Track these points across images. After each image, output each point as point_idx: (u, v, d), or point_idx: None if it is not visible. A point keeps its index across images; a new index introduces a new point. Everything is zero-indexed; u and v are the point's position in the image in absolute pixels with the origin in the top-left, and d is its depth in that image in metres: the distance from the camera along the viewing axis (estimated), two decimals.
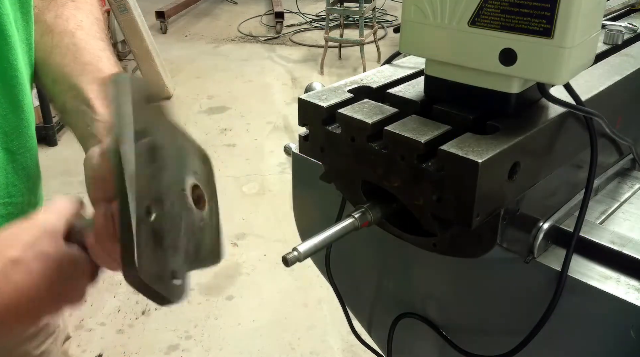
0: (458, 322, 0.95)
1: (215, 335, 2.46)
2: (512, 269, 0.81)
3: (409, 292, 1.01)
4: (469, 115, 0.72)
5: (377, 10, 5.60)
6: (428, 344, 1.00)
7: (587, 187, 0.78)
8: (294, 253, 0.65)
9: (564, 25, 0.63)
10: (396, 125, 0.71)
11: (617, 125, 0.87)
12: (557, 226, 0.81)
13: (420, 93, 0.79)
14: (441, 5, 0.69)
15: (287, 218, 1.17)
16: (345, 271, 1.09)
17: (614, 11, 1.15)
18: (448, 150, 0.64)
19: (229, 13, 7.11)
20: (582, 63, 0.70)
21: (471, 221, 0.65)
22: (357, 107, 0.75)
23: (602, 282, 0.75)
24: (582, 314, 0.77)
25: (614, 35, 0.98)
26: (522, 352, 0.80)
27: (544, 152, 0.74)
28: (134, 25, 4.32)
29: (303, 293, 2.67)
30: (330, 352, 2.37)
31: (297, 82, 5.04)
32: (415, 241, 0.79)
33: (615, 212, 0.90)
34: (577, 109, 0.74)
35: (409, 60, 0.95)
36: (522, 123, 0.71)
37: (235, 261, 2.88)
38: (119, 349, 2.39)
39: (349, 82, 0.84)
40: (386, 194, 0.74)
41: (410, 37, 0.74)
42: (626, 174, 1.00)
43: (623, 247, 0.78)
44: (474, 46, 0.69)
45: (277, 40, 6.17)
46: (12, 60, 0.72)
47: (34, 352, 0.97)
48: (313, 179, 0.87)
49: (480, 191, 0.63)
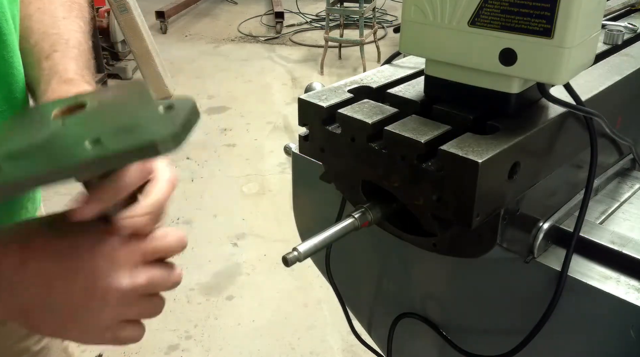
0: (458, 322, 0.95)
1: (215, 335, 2.46)
2: (512, 269, 0.81)
3: (409, 292, 1.01)
4: (469, 115, 0.72)
5: (377, 10, 5.60)
6: (428, 344, 1.00)
7: (587, 187, 0.78)
8: (294, 253, 0.65)
9: (564, 25, 0.63)
10: (396, 125, 0.71)
11: (617, 125, 0.87)
12: (557, 226, 0.81)
13: (420, 93, 0.79)
14: (441, 5, 0.69)
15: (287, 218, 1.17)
16: (345, 271, 1.09)
17: (614, 11, 1.15)
18: (448, 150, 0.64)
19: (229, 13, 7.11)
20: (582, 63, 0.70)
21: (471, 221, 0.65)
22: (357, 107, 0.75)
23: (602, 282, 0.75)
24: (582, 314, 0.77)
25: (614, 35, 0.98)
26: (522, 352, 0.80)
27: (544, 152, 0.74)
28: (134, 25, 4.31)
29: (303, 293, 2.67)
30: (330, 352, 2.37)
31: (297, 82, 5.04)
32: (415, 241, 0.79)
33: (615, 212, 0.90)
34: (577, 109, 0.74)
35: (409, 60, 0.95)
36: (522, 123, 0.71)
37: (235, 261, 2.88)
38: (119, 349, 2.39)
39: (349, 82, 0.84)
40: (386, 194, 0.74)
41: (410, 37, 0.74)
42: (626, 174, 1.00)
43: (623, 247, 0.78)
44: (474, 46, 0.69)
45: (277, 40, 6.17)
46: (8, 58, 0.72)
47: (34, 347, 0.96)
48: (313, 179, 0.87)
49: (480, 191, 0.63)
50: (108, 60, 4.88)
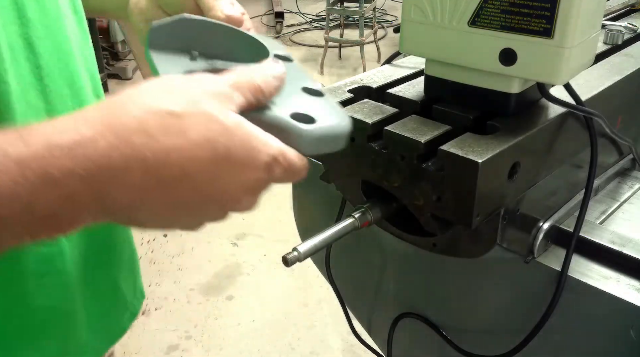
0: (458, 322, 0.95)
1: (215, 335, 2.46)
2: (512, 269, 0.81)
3: (409, 292, 1.01)
4: (469, 115, 0.72)
5: (377, 10, 5.59)
6: (428, 344, 1.00)
7: (587, 187, 0.78)
8: (294, 253, 0.65)
9: (564, 25, 0.63)
10: (396, 125, 0.71)
11: (617, 125, 0.87)
12: (557, 226, 0.81)
13: (420, 93, 0.79)
14: (441, 5, 0.69)
15: (287, 218, 1.16)
16: (345, 271, 1.09)
17: (614, 11, 1.15)
18: (448, 150, 0.64)
19: None
20: (582, 63, 0.70)
21: (471, 220, 0.65)
22: (357, 107, 0.75)
23: (602, 282, 0.75)
24: (582, 314, 0.77)
25: (614, 35, 0.98)
26: (522, 352, 0.80)
27: (544, 152, 0.74)
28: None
29: (303, 293, 2.67)
30: (330, 352, 2.37)
31: None
32: (415, 241, 0.79)
33: (615, 212, 0.90)
34: (577, 109, 0.74)
35: (409, 60, 0.95)
36: (522, 123, 0.71)
37: (235, 261, 2.88)
38: (119, 349, 2.38)
39: (349, 82, 0.84)
40: (386, 194, 0.74)
41: (410, 37, 0.74)
42: (626, 174, 1.00)
43: (623, 247, 0.78)
44: (474, 46, 0.69)
45: (277, 40, 6.17)
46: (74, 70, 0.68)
47: None
48: (313, 179, 0.87)
49: (480, 191, 0.63)
50: (108, 60, 4.88)
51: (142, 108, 0.43)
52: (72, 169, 0.41)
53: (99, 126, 0.42)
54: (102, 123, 0.42)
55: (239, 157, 0.44)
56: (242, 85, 0.47)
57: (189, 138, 0.43)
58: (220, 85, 0.46)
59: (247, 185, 0.47)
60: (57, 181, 0.40)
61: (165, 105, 0.43)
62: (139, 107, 0.43)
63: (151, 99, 0.44)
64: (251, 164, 0.45)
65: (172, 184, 0.43)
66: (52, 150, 0.40)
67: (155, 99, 0.44)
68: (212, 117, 0.44)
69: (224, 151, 0.44)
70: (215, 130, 0.43)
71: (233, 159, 0.44)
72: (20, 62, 0.59)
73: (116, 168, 0.41)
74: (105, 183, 0.42)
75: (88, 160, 0.41)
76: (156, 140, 0.42)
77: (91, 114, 0.44)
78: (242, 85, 0.47)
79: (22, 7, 0.59)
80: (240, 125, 0.45)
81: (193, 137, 0.43)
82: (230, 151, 0.44)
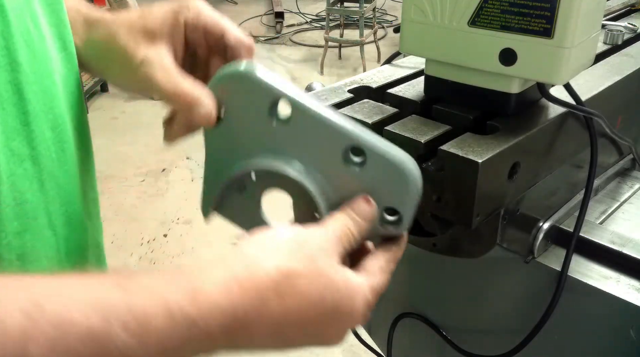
0: (458, 322, 0.95)
1: None
2: (512, 269, 0.81)
3: (408, 292, 1.01)
4: (469, 115, 0.72)
5: (377, 10, 5.59)
6: (428, 344, 1.00)
7: (587, 187, 0.78)
8: None
9: (564, 25, 0.63)
10: (396, 125, 0.71)
11: (617, 125, 0.87)
12: (557, 226, 0.81)
13: (420, 93, 0.79)
14: (441, 5, 0.69)
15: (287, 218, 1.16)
16: None
17: (614, 11, 1.15)
18: (448, 150, 0.64)
19: (229, 13, 7.11)
20: (582, 63, 0.70)
21: (471, 220, 0.65)
22: (357, 107, 0.75)
23: (602, 282, 0.75)
24: (582, 314, 0.77)
25: (614, 35, 0.98)
26: (522, 352, 0.80)
27: (544, 152, 0.74)
28: None
29: None
30: (330, 352, 2.37)
31: (297, 82, 5.04)
32: (415, 241, 0.79)
33: (615, 212, 0.90)
34: (577, 109, 0.74)
35: (409, 60, 0.95)
36: (522, 123, 0.71)
37: None
38: None
39: (349, 82, 0.84)
40: None
41: (410, 37, 0.74)
42: (626, 174, 1.00)
43: (623, 247, 0.78)
44: (474, 46, 0.69)
45: (277, 40, 6.18)
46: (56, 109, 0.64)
47: None
48: None
49: (480, 191, 0.63)
50: None
51: (274, 268, 0.47)
52: None
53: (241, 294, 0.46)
54: (241, 290, 0.46)
55: (344, 313, 0.50)
56: (342, 238, 0.53)
57: (308, 298, 0.48)
58: (329, 241, 0.52)
59: (346, 330, 0.52)
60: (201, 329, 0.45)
61: (291, 265, 0.48)
62: (269, 269, 0.47)
63: (278, 259, 0.48)
64: (353, 315, 0.51)
65: (286, 338, 0.49)
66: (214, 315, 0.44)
67: (281, 259, 0.48)
68: (327, 276, 0.49)
69: (332, 308, 0.49)
70: (328, 289, 0.48)
71: (338, 315, 0.50)
72: (7, 109, 0.55)
73: (250, 322, 0.46)
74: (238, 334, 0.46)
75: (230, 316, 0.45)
76: (282, 299, 0.47)
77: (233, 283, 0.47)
78: (342, 238, 0.53)
79: (13, 51, 0.55)
80: (347, 282, 0.50)
81: (311, 299, 0.48)
82: (338, 308, 0.49)
